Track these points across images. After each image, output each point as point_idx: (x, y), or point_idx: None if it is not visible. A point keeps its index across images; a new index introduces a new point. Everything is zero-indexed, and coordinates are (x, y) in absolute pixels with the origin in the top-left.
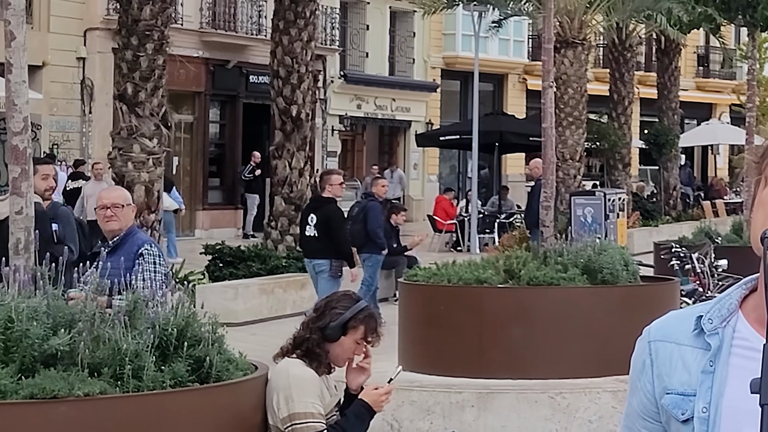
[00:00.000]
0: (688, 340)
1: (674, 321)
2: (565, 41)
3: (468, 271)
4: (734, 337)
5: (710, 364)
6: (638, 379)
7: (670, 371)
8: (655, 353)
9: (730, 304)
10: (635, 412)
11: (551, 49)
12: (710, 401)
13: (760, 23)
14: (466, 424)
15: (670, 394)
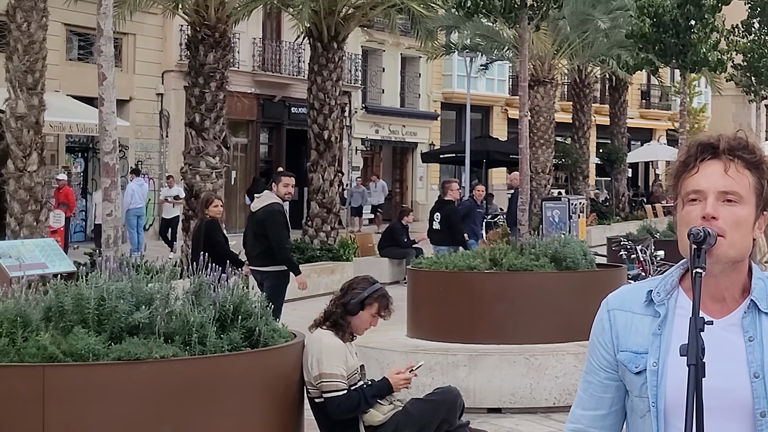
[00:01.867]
0: (641, 309)
1: (628, 294)
2: (538, 80)
3: (461, 260)
4: (676, 307)
5: (659, 328)
6: (599, 338)
7: (626, 333)
8: (613, 319)
9: (672, 281)
10: (595, 367)
11: (527, 86)
12: (659, 357)
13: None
14: (459, 379)
15: (624, 352)
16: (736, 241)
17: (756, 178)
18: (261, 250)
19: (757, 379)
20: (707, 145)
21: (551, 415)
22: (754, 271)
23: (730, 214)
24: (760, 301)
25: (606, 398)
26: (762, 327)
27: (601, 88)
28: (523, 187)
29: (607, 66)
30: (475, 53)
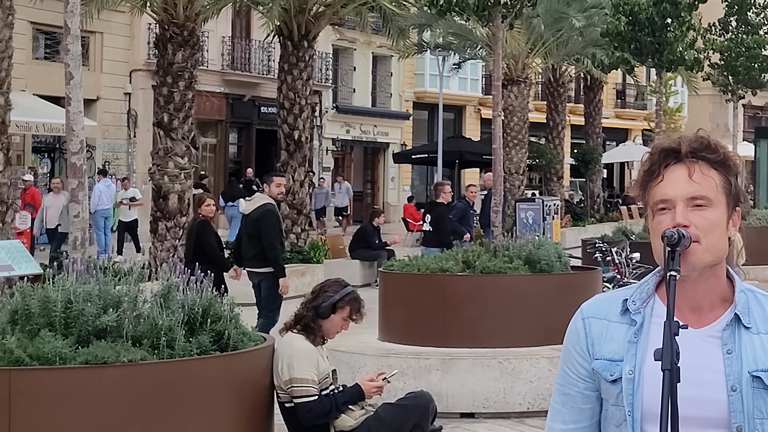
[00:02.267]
0: (616, 318)
1: (603, 302)
2: (511, 79)
3: (434, 262)
4: (653, 315)
5: (635, 336)
6: (574, 347)
7: (601, 341)
8: (588, 327)
9: (648, 289)
10: (573, 378)
11: (500, 85)
12: (635, 365)
13: (665, 65)
14: (432, 383)
15: (599, 360)
16: (711, 245)
17: (723, 176)
18: (257, 251)
19: (735, 392)
20: (669, 150)
21: (525, 420)
22: (736, 283)
23: (702, 218)
24: (742, 314)
25: (587, 409)
26: (741, 340)
27: (575, 87)
28: (496, 188)
29: (581, 65)
30: (448, 52)
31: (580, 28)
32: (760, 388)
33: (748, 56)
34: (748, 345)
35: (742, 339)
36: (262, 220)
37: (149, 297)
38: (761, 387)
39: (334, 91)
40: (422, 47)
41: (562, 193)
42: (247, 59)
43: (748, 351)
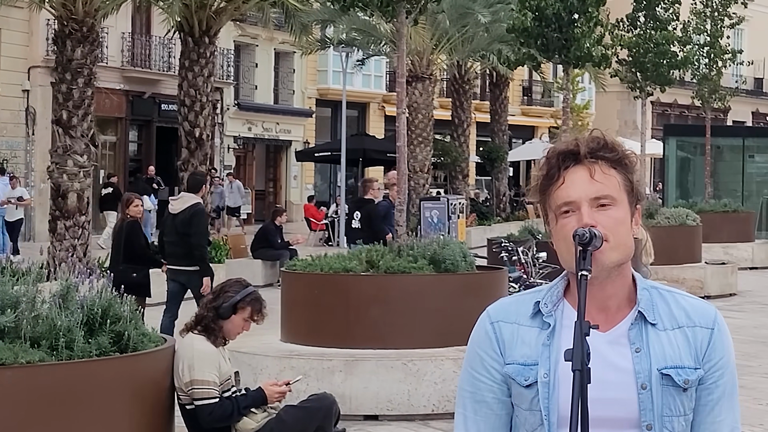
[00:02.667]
0: (527, 321)
1: (511, 306)
2: (416, 76)
3: (337, 262)
4: (563, 318)
5: (548, 339)
6: (486, 352)
7: (513, 345)
8: (499, 331)
9: (558, 292)
10: (486, 384)
11: (404, 82)
12: (549, 368)
13: (572, 61)
14: (335, 385)
15: (512, 365)
16: (619, 243)
17: (623, 175)
18: (187, 250)
19: (645, 390)
20: (567, 153)
21: (429, 423)
22: (638, 280)
23: (607, 217)
24: (647, 312)
25: (504, 415)
26: (648, 338)
27: (481, 84)
28: (400, 187)
29: (487, 61)
30: (351, 48)
31: (486, 24)
32: (669, 385)
33: (656, 52)
34: (656, 342)
35: (649, 337)
36: (195, 218)
37: (48, 297)
38: (670, 384)
39: (235, 88)
40: (325, 43)
41: (468, 191)
42: (147, 56)
43: (656, 348)
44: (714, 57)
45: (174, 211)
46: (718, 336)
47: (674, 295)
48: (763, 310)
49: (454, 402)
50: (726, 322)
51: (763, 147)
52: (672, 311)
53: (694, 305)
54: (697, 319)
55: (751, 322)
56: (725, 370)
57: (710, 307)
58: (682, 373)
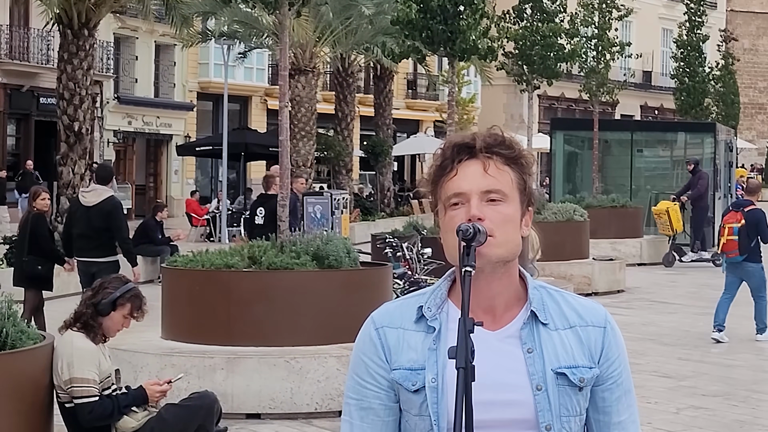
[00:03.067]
0: (411, 326)
1: (395, 310)
2: (299, 69)
3: (219, 258)
4: (448, 320)
5: (434, 343)
6: (371, 359)
7: (399, 351)
8: (384, 337)
9: (441, 294)
10: (373, 390)
11: (287, 75)
12: (437, 372)
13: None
14: (217, 383)
15: (398, 370)
16: (505, 240)
17: (517, 173)
18: (101, 242)
19: (540, 391)
20: (463, 146)
21: (312, 421)
22: (528, 280)
23: (496, 213)
24: (539, 311)
25: (391, 422)
26: (541, 338)
27: (365, 77)
28: (283, 182)
29: (371, 54)
30: (233, 41)
31: (370, 16)
32: (565, 385)
33: (543, 45)
34: (548, 342)
35: (541, 336)
36: (114, 212)
37: None
38: (566, 384)
39: (115, 81)
40: (206, 36)
41: (352, 186)
42: (25, 48)
43: (548, 348)
44: (602, 50)
45: (88, 203)
46: (611, 334)
47: (563, 295)
48: (651, 306)
49: (337, 400)
50: (615, 319)
51: (651, 141)
52: (563, 311)
53: (584, 305)
54: (588, 318)
55: (639, 319)
56: (622, 368)
57: (600, 307)
58: (577, 372)
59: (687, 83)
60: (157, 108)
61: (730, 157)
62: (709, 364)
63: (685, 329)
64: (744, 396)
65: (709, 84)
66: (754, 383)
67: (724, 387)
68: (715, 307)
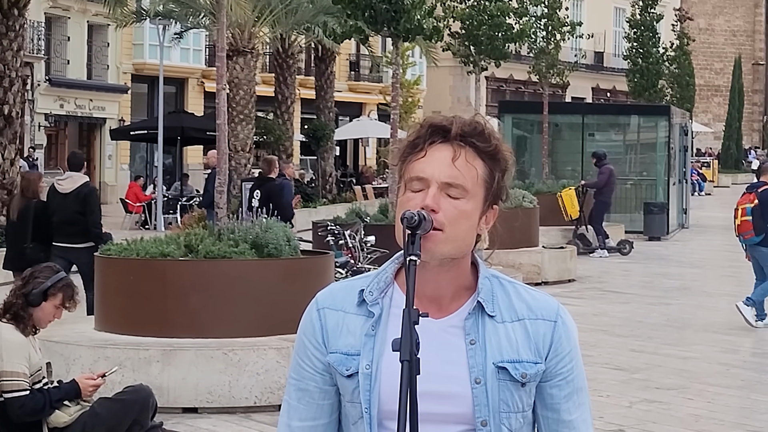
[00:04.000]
0: (353, 309)
1: (339, 292)
2: (237, 50)
3: (154, 246)
4: (391, 306)
5: (372, 328)
6: (309, 340)
7: (337, 334)
8: (324, 318)
9: (386, 278)
10: (309, 372)
11: (224, 56)
12: (372, 359)
13: (402, 34)
14: (152, 376)
15: (335, 354)
16: (455, 237)
17: (488, 169)
18: (81, 227)
19: (479, 385)
20: (439, 128)
21: (251, 416)
22: (481, 268)
23: (453, 207)
24: (486, 302)
25: (326, 405)
26: (485, 330)
27: (306, 58)
28: (220, 167)
29: (312, 34)
30: (169, 21)
31: None
32: (506, 379)
33: (490, 25)
34: (493, 334)
35: (486, 328)
36: (90, 197)
37: None
38: (507, 379)
39: (46, 62)
40: (141, 15)
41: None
42: None
43: (492, 341)
44: (552, 30)
45: (65, 191)
46: (562, 329)
47: (515, 287)
48: (603, 296)
49: (277, 394)
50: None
51: (603, 125)
52: (512, 303)
53: (536, 297)
54: (539, 311)
55: (590, 309)
56: (574, 364)
57: (553, 300)
58: (520, 367)
59: (640, 64)
60: (90, 90)
61: (685, 141)
62: (663, 356)
63: (638, 320)
64: (699, 389)
65: (663, 65)
66: (709, 376)
67: (679, 380)
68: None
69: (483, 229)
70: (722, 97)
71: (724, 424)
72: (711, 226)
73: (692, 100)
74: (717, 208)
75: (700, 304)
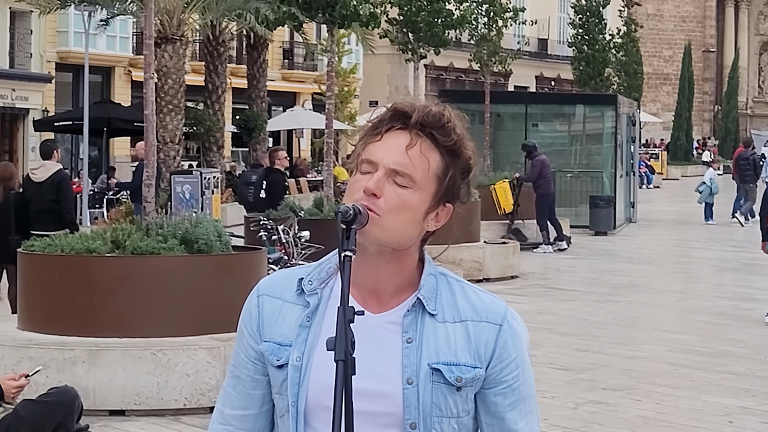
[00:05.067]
0: (292, 298)
1: (281, 280)
2: (165, 37)
3: (79, 242)
4: (331, 297)
5: (307, 319)
6: (246, 327)
7: (272, 322)
8: (262, 305)
9: (329, 268)
10: (243, 359)
11: (152, 44)
12: (304, 351)
13: (338, 20)
14: (78, 377)
15: (268, 342)
16: (392, 227)
17: (443, 164)
18: (57, 215)
19: (411, 385)
20: (400, 113)
21: (181, 418)
22: (427, 265)
23: (396, 196)
24: (427, 300)
25: (257, 395)
26: (424, 329)
27: (237, 46)
28: (149, 159)
29: (244, 21)
30: (95, 7)
31: None
32: (440, 382)
33: (430, 11)
34: (431, 334)
35: (425, 327)
36: (63, 184)
37: None
38: (441, 381)
39: None
40: (65, 1)
41: (223, 164)
42: None
43: (430, 341)
44: (493, 15)
45: (38, 179)
46: (508, 334)
47: (463, 286)
48: (547, 293)
49: (208, 395)
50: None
51: (547, 115)
52: (457, 303)
53: (483, 299)
54: (483, 314)
55: (534, 307)
56: (520, 371)
57: (501, 303)
58: (456, 370)
59: (586, 52)
60: (12, 80)
61: (633, 132)
62: (609, 356)
63: (584, 318)
64: (647, 390)
65: (609, 53)
66: (657, 376)
67: (626, 380)
68: None
69: (431, 226)
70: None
71: (673, 426)
72: (660, 221)
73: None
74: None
75: (649, 301)
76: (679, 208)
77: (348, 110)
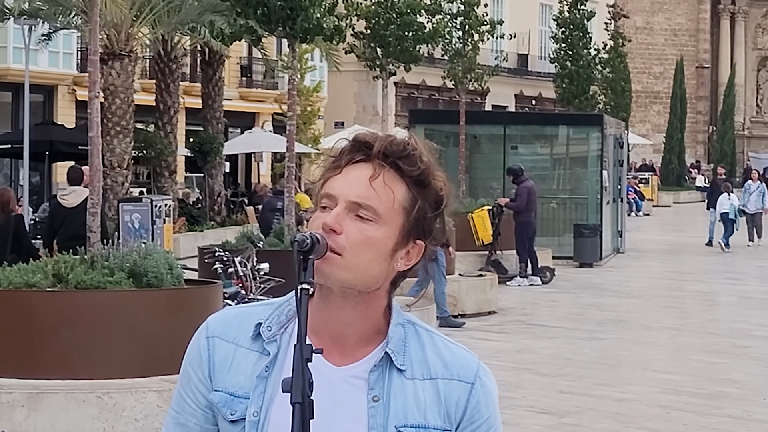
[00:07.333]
0: (247, 343)
1: (234, 320)
2: (113, 53)
3: (18, 276)
4: (290, 343)
5: (266, 369)
6: (194, 371)
7: (224, 369)
8: (213, 349)
9: (288, 311)
10: (191, 406)
11: (97, 60)
12: (262, 405)
13: (299, 34)
14: (17, 423)
15: (219, 392)
16: (355, 265)
17: (410, 195)
18: None
19: None
20: (362, 144)
21: None
22: (395, 314)
23: (358, 231)
24: (395, 354)
25: None
26: (392, 386)
27: (191, 62)
28: (94, 186)
29: (198, 35)
30: (36, 20)
31: None
32: None
33: (399, 24)
34: (400, 392)
35: (393, 384)
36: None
37: None
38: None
39: None
40: (4, 15)
41: (176, 191)
42: None
43: (398, 400)
44: (469, 29)
45: (70, 205)
46: (481, 393)
47: (433, 337)
48: (527, 330)
49: None
50: (485, 345)
51: (528, 137)
52: (426, 357)
53: (455, 354)
54: (455, 371)
55: (513, 345)
56: (492, 431)
57: (473, 358)
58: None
59: (569, 68)
60: None
61: (621, 155)
62: (595, 398)
63: (567, 357)
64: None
65: (595, 69)
66: (647, 420)
67: (614, 425)
68: None
69: (402, 266)
70: (662, 105)
71: None
72: (650, 251)
73: (628, 108)
74: (657, 230)
75: (638, 338)
76: (671, 237)
77: (311, 132)
